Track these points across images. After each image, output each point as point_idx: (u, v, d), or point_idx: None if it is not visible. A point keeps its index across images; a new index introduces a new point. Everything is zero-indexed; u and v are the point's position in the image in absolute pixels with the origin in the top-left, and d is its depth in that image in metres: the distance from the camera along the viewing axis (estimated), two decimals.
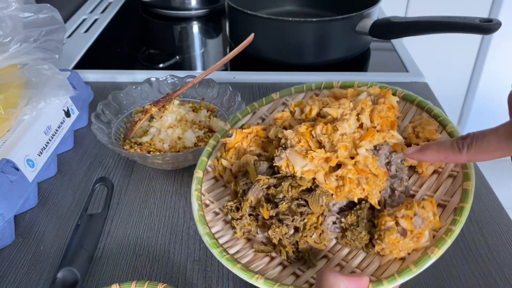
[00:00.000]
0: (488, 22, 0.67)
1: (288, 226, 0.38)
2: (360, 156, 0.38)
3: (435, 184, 0.40)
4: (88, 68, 0.83)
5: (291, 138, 0.40)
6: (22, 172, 0.50)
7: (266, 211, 0.39)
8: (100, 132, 0.56)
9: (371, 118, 0.40)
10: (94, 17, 1.06)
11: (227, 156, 0.45)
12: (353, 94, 0.44)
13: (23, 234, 0.51)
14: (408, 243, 0.35)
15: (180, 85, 0.66)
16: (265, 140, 0.45)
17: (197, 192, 0.43)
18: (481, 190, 0.55)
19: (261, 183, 0.40)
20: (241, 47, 0.62)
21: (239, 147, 0.45)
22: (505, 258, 0.47)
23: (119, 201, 0.55)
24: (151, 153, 0.56)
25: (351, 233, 0.38)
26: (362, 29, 0.80)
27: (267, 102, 0.50)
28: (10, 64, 0.55)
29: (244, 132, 0.45)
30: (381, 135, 0.39)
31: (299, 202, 0.39)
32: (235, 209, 0.41)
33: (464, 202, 0.36)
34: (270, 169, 0.42)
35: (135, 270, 0.46)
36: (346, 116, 0.40)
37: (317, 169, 0.39)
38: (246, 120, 0.50)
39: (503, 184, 1.87)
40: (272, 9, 0.98)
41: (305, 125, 0.41)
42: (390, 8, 1.09)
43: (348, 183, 0.37)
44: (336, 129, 0.39)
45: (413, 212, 0.36)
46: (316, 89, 0.49)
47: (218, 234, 0.41)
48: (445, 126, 0.42)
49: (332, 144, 0.39)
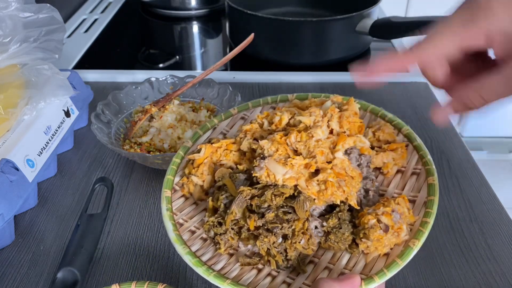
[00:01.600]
0: None
1: (276, 235, 0.39)
2: (337, 160, 0.40)
3: (401, 182, 0.43)
4: (88, 68, 0.83)
5: (267, 147, 0.41)
6: (22, 172, 0.50)
7: (253, 221, 0.39)
8: (100, 132, 0.56)
9: (340, 124, 0.42)
10: (94, 17, 1.05)
11: (197, 172, 0.44)
12: (317, 103, 0.46)
13: (23, 234, 0.51)
14: (391, 239, 0.37)
15: (180, 85, 0.66)
16: (236, 153, 0.45)
17: (169, 212, 0.41)
18: (481, 190, 0.55)
19: (244, 194, 0.40)
20: (241, 47, 0.62)
21: (209, 162, 0.44)
22: (505, 258, 0.47)
23: (119, 201, 0.55)
24: (151, 153, 0.56)
25: (334, 236, 0.39)
26: (362, 29, 0.80)
27: (226, 117, 0.51)
28: (10, 64, 0.55)
29: (214, 147, 0.45)
30: (352, 139, 0.41)
31: (285, 210, 0.39)
32: (218, 224, 0.40)
33: (432, 195, 0.39)
34: (247, 181, 0.42)
35: (135, 270, 0.46)
36: (318, 123, 0.42)
37: (298, 175, 0.39)
38: (207, 136, 0.49)
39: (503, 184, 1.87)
40: (272, 9, 0.98)
41: (279, 135, 0.42)
42: (390, 8, 1.09)
43: (330, 187, 0.39)
44: (311, 136, 0.41)
45: (391, 209, 0.38)
46: (272, 102, 0.51)
47: (199, 252, 0.40)
48: (400, 128, 0.46)
49: (309, 150, 0.40)
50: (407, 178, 0.43)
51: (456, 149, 0.62)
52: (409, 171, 0.43)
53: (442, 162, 0.60)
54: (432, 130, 0.66)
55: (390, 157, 0.44)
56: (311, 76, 0.80)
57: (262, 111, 0.51)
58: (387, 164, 0.44)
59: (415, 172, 0.43)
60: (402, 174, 0.43)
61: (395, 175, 0.44)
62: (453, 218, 0.52)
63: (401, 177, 0.43)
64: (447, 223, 0.51)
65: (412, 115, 0.70)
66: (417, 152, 0.44)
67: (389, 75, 0.39)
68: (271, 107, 0.51)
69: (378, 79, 0.39)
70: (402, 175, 0.43)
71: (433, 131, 0.66)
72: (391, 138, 0.45)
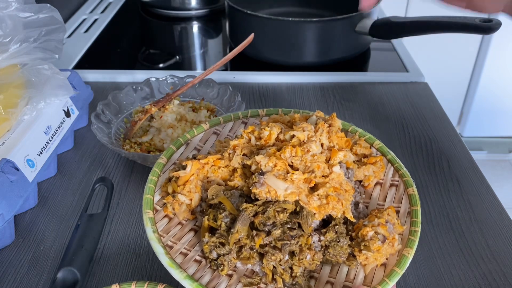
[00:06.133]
0: (488, 22, 0.67)
1: (283, 252, 0.38)
2: (334, 174, 0.40)
3: (382, 194, 0.44)
4: (88, 68, 0.83)
5: (264, 163, 0.40)
6: (22, 172, 0.50)
7: (261, 239, 0.38)
8: (100, 132, 0.56)
9: (330, 139, 0.43)
10: (94, 17, 1.06)
11: (183, 190, 0.42)
12: (301, 118, 0.46)
13: (23, 234, 0.51)
14: (387, 249, 0.38)
15: (180, 85, 0.66)
16: (225, 169, 0.43)
17: (156, 234, 0.39)
18: (481, 190, 0.56)
19: (248, 212, 0.39)
20: (241, 47, 0.62)
21: (195, 179, 0.42)
22: (505, 258, 0.47)
23: (119, 201, 0.55)
24: (151, 153, 0.56)
25: (333, 249, 0.39)
26: (362, 29, 0.80)
27: (199, 132, 0.49)
28: (10, 64, 0.55)
29: (201, 163, 0.43)
30: (342, 153, 0.42)
31: (289, 226, 0.39)
32: (220, 245, 0.39)
33: (415, 205, 0.41)
34: (242, 197, 0.41)
35: (135, 270, 0.46)
36: (312, 138, 0.42)
37: (299, 190, 0.39)
38: (181, 151, 0.47)
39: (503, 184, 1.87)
40: (272, 9, 0.98)
41: (272, 150, 0.41)
42: (390, 8, 1.09)
43: (331, 201, 0.39)
44: (307, 151, 0.41)
45: (385, 220, 0.39)
46: (243, 117, 0.51)
47: (197, 275, 0.38)
48: (372, 143, 0.48)
49: (306, 165, 0.40)
50: (386, 189, 0.45)
51: (456, 149, 0.62)
52: (387, 183, 0.45)
53: (442, 162, 0.60)
54: (432, 130, 0.66)
55: (371, 170, 0.45)
56: (311, 76, 0.80)
57: (234, 126, 0.50)
58: (369, 176, 0.45)
59: (393, 184, 0.45)
60: (381, 186, 0.45)
61: (375, 188, 0.45)
62: (453, 218, 0.52)
63: (380, 189, 0.45)
64: (447, 223, 0.51)
65: (412, 115, 0.70)
66: (392, 165, 0.46)
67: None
68: (242, 122, 0.50)
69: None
70: (381, 187, 0.45)
71: (433, 131, 0.66)
72: (367, 152, 0.47)
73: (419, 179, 0.57)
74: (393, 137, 0.65)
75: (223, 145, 0.47)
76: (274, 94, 0.76)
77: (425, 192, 0.55)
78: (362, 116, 0.70)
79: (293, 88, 0.77)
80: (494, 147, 2.04)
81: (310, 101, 0.74)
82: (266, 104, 0.73)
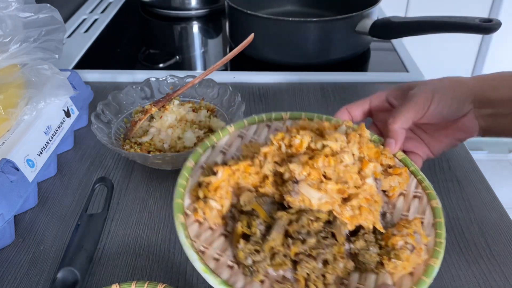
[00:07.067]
0: (488, 22, 0.67)
1: (317, 260, 0.39)
2: (367, 185, 0.41)
3: (405, 205, 0.45)
4: (88, 68, 0.83)
5: (298, 172, 0.40)
6: (22, 172, 0.50)
7: (296, 247, 0.39)
8: (100, 132, 0.56)
9: (360, 150, 0.44)
10: (94, 17, 1.06)
11: (215, 196, 0.42)
12: (330, 127, 0.46)
13: (23, 234, 0.51)
14: (415, 258, 0.39)
15: (180, 85, 0.66)
16: (256, 176, 0.43)
17: (189, 239, 0.39)
18: (481, 190, 0.56)
19: (283, 220, 0.39)
20: (241, 47, 0.62)
21: (226, 185, 0.42)
22: (505, 258, 0.47)
23: (119, 201, 0.55)
24: (151, 153, 0.56)
25: (362, 257, 0.40)
26: (362, 29, 0.80)
27: (224, 135, 0.49)
28: (10, 64, 0.55)
29: (232, 169, 0.43)
30: (372, 164, 0.43)
31: (323, 235, 0.39)
32: (255, 252, 0.39)
33: (439, 217, 0.42)
34: (273, 205, 0.42)
35: (135, 270, 0.46)
36: (345, 148, 0.42)
37: (332, 200, 0.40)
38: (208, 155, 0.47)
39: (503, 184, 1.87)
40: (272, 9, 0.98)
41: (304, 158, 0.41)
42: (390, 8, 1.09)
43: (364, 212, 0.40)
44: (340, 161, 0.41)
45: (413, 230, 0.40)
46: (267, 120, 0.52)
47: (231, 281, 0.38)
48: (394, 154, 0.48)
49: (338, 175, 0.41)
50: (409, 200, 0.45)
51: (456, 149, 0.62)
52: (410, 194, 0.46)
53: (442, 162, 0.60)
54: None
55: (396, 180, 0.45)
56: (311, 76, 0.80)
57: (258, 128, 0.51)
58: (394, 187, 0.45)
59: (416, 195, 0.45)
60: (404, 197, 0.46)
61: (398, 198, 0.46)
62: (453, 218, 0.52)
63: (403, 200, 0.45)
64: (447, 223, 0.51)
65: None
66: (415, 176, 0.47)
67: None
68: (266, 125, 0.51)
69: None
70: (404, 197, 0.46)
71: None
72: (392, 162, 0.47)
73: None
74: None
75: (250, 150, 0.47)
76: (274, 94, 0.76)
77: None
78: None
79: (293, 88, 0.77)
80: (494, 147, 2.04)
81: (310, 101, 0.74)
82: (266, 104, 0.73)
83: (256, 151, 0.45)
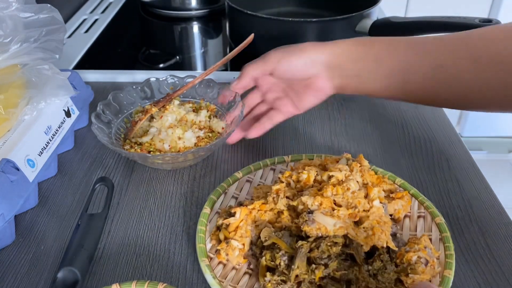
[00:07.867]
0: (488, 22, 0.67)
1: (341, 282, 0.41)
2: (375, 208, 0.45)
3: (411, 225, 0.49)
4: (88, 68, 0.83)
5: (310, 202, 0.44)
6: (23, 172, 0.50)
7: (320, 272, 0.41)
8: (100, 132, 0.56)
9: (363, 177, 0.48)
10: (94, 17, 1.06)
11: (235, 236, 0.45)
12: (332, 160, 0.52)
13: (23, 234, 0.51)
14: (430, 271, 0.42)
15: (180, 85, 0.66)
16: (270, 213, 0.47)
17: (217, 280, 0.43)
18: (481, 190, 0.56)
19: (305, 248, 0.42)
20: (241, 47, 0.62)
21: (245, 225, 0.46)
22: (505, 258, 0.47)
23: (119, 201, 0.55)
24: (151, 153, 0.56)
25: (381, 277, 0.42)
26: (362, 29, 0.80)
27: (233, 181, 0.54)
28: (10, 64, 0.55)
29: (248, 209, 0.46)
30: (376, 189, 0.47)
31: (343, 258, 0.43)
32: (282, 282, 0.42)
33: (444, 232, 0.47)
34: (292, 237, 0.45)
35: (135, 270, 0.46)
36: (350, 177, 0.47)
37: (346, 225, 0.43)
38: (221, 201, 0.52)
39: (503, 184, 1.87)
40: (272, 9, 0.98)
41: (314, 190, 0.46)
42: (390, 8, 1.09)
43: (377, 232, 0.43)
44: (347, 189, 0.45)
45: (424, 245, 0.43)
46: (271, 164, 0.57)
47: None
48: (394, 180, 0.53)
49: (348, 201, 0.45)
50: (415, 221, 0.49)
51: (456, 149, 0.62)
52: (415, 215, 0.50)
53: (441, 162, 0.60)
54: (432, 130, 0.66)
55: (399, 204, 0.49)
56: None
57: (264, 172, 0.56)
58: (398, 210, 0.49)
59: (420, 215, 0.50)
60: (409, 219, 0.50)
61: (404, 220, 0.50)
62: (453, 218, 0.52)
63: (409, 221, 0.50)
64: (447, 223, 0.51)
65: (412, 115, 0.70)
66: (416, 198, 0.51)
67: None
68: (270, 169, 0.57)
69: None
70: (410, 219, 0.50)
71: (432, 131, 0.66)
72: (392, 187, 0.52)
73: (419, 179, 0.57)
74: (393, 137, 0.65)
75: (260, 191, 0.51)
76: None
77: (425, 192, 0.55)
78: (362, 116, 0.70)
79: None
80: (494, 147, 2.04)
81: None
82: None
83: (267, 191, 0.49)
